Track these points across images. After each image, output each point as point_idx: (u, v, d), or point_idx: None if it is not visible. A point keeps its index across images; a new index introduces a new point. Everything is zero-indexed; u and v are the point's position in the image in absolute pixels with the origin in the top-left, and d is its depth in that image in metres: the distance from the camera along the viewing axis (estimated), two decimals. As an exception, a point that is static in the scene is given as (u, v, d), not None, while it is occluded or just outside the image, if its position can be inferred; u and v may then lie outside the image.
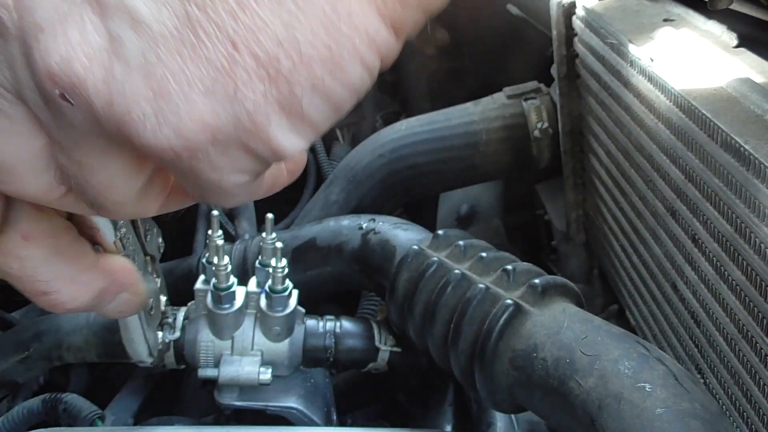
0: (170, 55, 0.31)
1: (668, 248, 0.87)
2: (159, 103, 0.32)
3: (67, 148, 0.36)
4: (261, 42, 0.31)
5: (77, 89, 0.32)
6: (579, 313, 0.66)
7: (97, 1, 0.31)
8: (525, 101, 1.30)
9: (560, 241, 1.31)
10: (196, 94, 0.32)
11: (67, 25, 0.32)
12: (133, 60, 0.32)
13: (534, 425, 0.84)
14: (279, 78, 0.32)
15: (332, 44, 0.32)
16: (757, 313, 0.68)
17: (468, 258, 0.78)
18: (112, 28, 0.31)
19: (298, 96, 0.32)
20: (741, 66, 0.76)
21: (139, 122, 0.32)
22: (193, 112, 0.32)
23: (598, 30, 0.98)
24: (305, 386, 0.85)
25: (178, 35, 0.31)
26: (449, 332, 0.73)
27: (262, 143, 0.34)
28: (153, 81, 0.32)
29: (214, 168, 0.35)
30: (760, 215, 0.64)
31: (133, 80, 0.32)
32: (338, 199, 1.27)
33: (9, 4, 0.32)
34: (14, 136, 0.35)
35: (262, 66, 0.31)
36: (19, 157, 0.36)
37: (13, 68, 0.33)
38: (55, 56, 0.31)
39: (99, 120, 0.33)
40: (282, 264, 0.81)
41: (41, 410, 0.85)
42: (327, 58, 0.32)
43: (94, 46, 0.32)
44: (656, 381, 0.56)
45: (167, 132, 0.32)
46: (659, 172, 0.86)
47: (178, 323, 0.84)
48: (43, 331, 0.91)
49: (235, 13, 0.30)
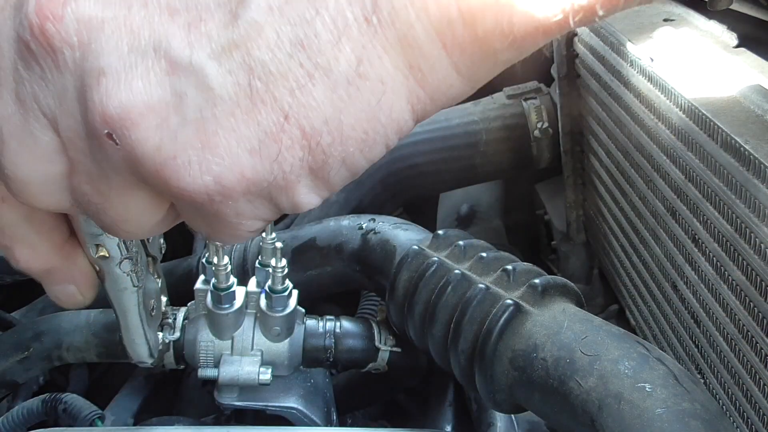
0: (226, 115, 0.35)
1: (668, 248, 0.87)
2: (205, 154, 0.35)
3: (95, 180, 0.38)
4: (310, 118, 0.35)
5: (128, 134, 0.35)
6: (579, 313, 0.66)
7: (169, 59, 0.34)
8: (525, 101, 1.30)
9: (560, 241, 1.31)
10: (241, 151, 0.35)
11: (132, 75, 0.34)
12: (190, 114, 0.35)
13: (534, 425, 0.84)
14: (317, 149, 0.36)
15: (370, 130, 0.36)
16: (757, 314, 0.68)
17: (468, 258, 0.78)
18: (178, 86, 0.35)
19: (330, 165, 0.37)
20: (741, 66, 0.76)
21: (182, 167, 0.36)
22: (235, 165, 0.35)
23: (598, 30, 0.98)
24: (305, 386, 0.85)
25: (237, 100, 0.34)
26: (449, 332, 0.73)
27: (287, 198, 0.38)
28: (204, 134, 0.35)
29: (237, 214, 0.38)
30: (760, 215, 0.64)
31: (186, 131, 0.35)
32: (338, 199, 1.27)
33: (74, 43, 0.35)
34: (35, 157, 0.38)
35: (306, 138, 0.35)
36: (35, 176, 0.39)
37: (60, 99, 0.36)
38: (114, 101, 0.34)
39: (139, 161, 0.36)
40: (282, 264, 0.80)
41: (41, 410, 0.84)
42: (362, 140, 0.36)
43: (155, 98, 0.35)
44: (656, 381, 0.56)
45: (207, 179, 0.36)
46: (659, 172, 0.86)
47: (177, 323, 0.84)
48: (43, 331, 0.91)
49: (294, 91, 0.34)
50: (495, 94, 1.34)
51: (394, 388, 1.01)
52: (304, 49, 0.33)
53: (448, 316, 0.74)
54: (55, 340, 0.90)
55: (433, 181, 1.32)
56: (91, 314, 0.91)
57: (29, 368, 0.91)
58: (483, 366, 0.68)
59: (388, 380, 0.95)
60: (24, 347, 0.90)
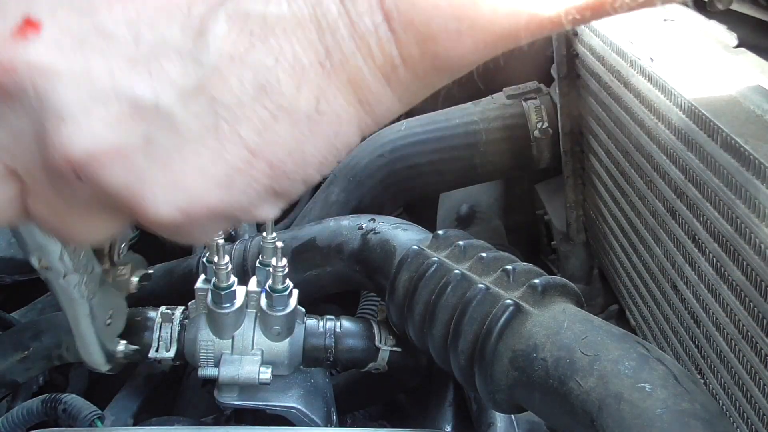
0: (193, 154, 0.36)
1: (668, 248, 0.87)
2: (174, 190, 0.37)
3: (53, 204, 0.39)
4: (276, 152, 0.37)
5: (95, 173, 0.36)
6: (579, 313, 0.66)
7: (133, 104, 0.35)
8: (525, 101, 1.30)
9: (560, 241, 1.31)
10: (210, 186, 0.37)
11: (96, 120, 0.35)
12: (157, 154, 0.36)
13: (534, 425, 0.84)
14: (282, 177, 0.38)
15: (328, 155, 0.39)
16: (757, 314, 0.68)
17: (468, 258, 0.78)
18: (144, 129, 0.36)
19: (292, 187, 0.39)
20: (741, 66, 0.76)
21: (150, 202, 0.37)
22: (203, 198, 0.37)
23: (598, 30, 0.98)
24: (305, 386, 0.85)
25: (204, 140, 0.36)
26: (449, 332, 0.73)
27: (250, 216, 0.40)
28: (171, 172, 0.37)
29: (203, 233, 0.41)
30: (760, 215, 0.64)
31: (153, 170, 0.37)
32: (338, 199, 1.27)
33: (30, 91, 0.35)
34: None
35: (272, 168, 0.37)
36: None
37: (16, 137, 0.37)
38: (78, 145, 0.35)
39: (105, 195, 0.37)
40: (282, 263, 0.80)
41: (41, 410, 0.84)
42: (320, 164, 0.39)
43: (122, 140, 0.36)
44: (656, 381, 0.56)
45: (174, 212, 0.38)
46: (659, 172, 0.86)
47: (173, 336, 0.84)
48: (43, 330, 0.91)
49: (260, 130, 0.36)
50: (495, 94, 1.34)
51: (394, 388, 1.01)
52: (266, 93, 0.36)
53: (448, 316, 0.74)
54: (54, 339, 0.90)
55: (433, 181, 1.32)
56: (91, 314, 0.91)
57: (29, 368, 0.91)
58: (483, 366, 0.68)
59: (388, 380, 0.95)
60: (24, 347, 0.90)
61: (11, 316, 1.04)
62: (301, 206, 1.44)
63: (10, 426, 0.84)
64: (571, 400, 0.59)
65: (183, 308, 0.87)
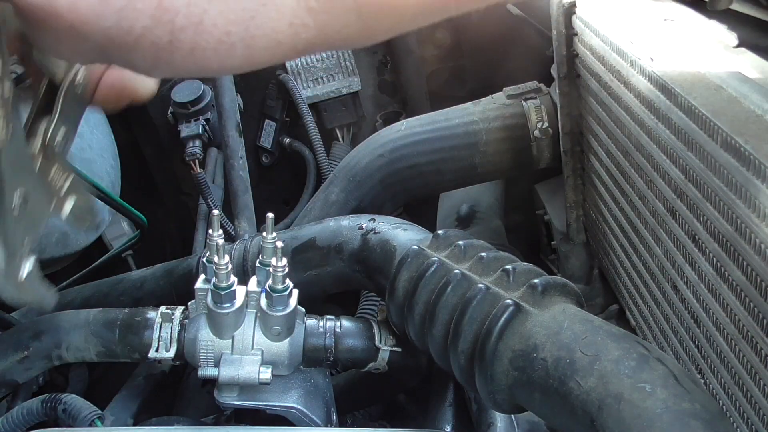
0: None
1: (668, 248, 0.87)
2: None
3: None
4: None
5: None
6: (579, 313, 0.66)
7: None
8: (525, 101, 1.30)
9: (560, 241, 1.31)
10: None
11: None
12: None
13: (534, 425, 0.84)
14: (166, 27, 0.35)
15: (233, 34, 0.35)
16: (757, 314, 0.68)
17: (468, 258, 0.78)
18: None
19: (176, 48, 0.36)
20: (741, 66, 0.76)
21: None
22: None
23: (598, 30, 0.98)
24: (305, 386, 0.85)
25: None
26: (449, 332, 0.73)
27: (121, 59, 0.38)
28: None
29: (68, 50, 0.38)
30: (760, 215, 0.64)
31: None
32: (338, 199, 1.27)
33: None
34: None
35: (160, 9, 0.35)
36: None
37: None
38: None
39: None
40: (282, 263, 0.80)
41: (41, 411, 0.85)
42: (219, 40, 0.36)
43: None
44: (656, 381, 0.56)
45: None
46: (659, 172, 0.86)
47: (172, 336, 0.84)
48: (43, 330, 0.91)
49: None
50: (495, 94, 1.34)
51: (394, 388, 1.01)
52: None
53: (448, 316, 0.74)
54: (54, 339, 0.90)
55: (433, 181, 1.32)
56: (91, 314, 0.91)
57: (29, 368, 0.91)
58: (483, 366, 0.68)
59: (388, 380, 0.95)
60: (23, 347, 0.90)
61: (11, 316, 1.04)
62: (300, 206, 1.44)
63: (10, 426, 0.84)
64: (571, 400, 0.59)
65: (183, 308, 0.87)
